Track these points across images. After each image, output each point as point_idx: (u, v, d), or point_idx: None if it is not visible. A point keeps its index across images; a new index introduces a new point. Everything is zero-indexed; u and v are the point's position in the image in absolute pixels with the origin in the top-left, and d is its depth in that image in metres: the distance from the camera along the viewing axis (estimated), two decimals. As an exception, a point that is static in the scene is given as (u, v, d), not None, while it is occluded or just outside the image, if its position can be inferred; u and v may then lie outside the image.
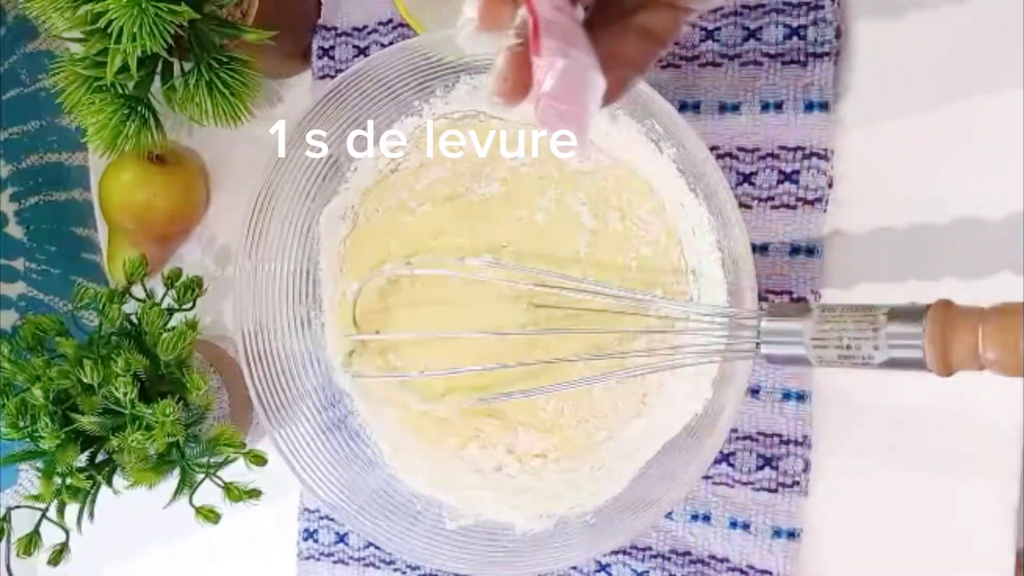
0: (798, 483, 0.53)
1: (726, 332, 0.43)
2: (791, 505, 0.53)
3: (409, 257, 0.58)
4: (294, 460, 0.54)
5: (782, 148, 0.53)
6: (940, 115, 0.51)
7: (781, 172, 0.53)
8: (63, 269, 0.71)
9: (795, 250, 0.53)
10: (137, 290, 0.57)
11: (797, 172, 0.52)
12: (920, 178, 0.51)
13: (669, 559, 0.56)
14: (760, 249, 0.53)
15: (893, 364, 0.36)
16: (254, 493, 0.54)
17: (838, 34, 0.51)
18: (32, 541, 0.53)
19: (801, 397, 0.53)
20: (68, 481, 0.52)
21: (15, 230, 0.70)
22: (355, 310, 0.59)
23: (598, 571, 0.58)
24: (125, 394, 0.50)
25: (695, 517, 0.55)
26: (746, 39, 0.53)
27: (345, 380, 0.59)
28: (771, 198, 0.53)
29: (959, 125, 0.50)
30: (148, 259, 0.59)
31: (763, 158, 0.53)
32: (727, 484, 0.54)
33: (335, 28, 0.63)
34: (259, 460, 0.54)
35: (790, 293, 0.53)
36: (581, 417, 0.56)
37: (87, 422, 0.51)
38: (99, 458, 0.54)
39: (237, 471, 0.54)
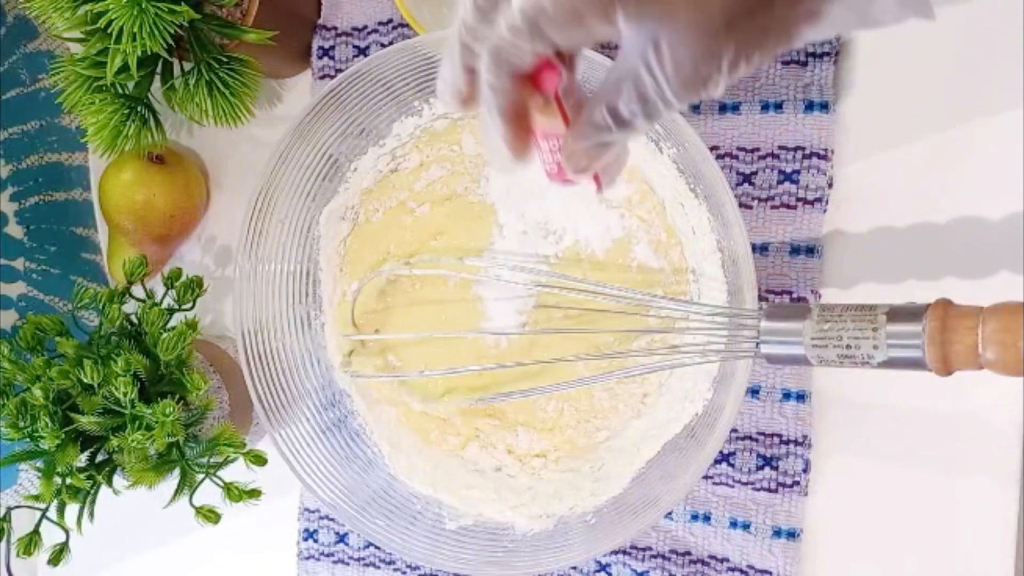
0: (798, 483, 0.53)
1: (726, 332, 0.43)
2: (791, 505, 0.53)
3: (408, 257, 0.58)
4: (294, 460, 0.54)
5: (782, 148, 0.53)
6: (940, 115, 0.51)
7: (781, 172, 0.53)
8: (63, 269, 0.71)
9: (795, 250, 0.53)
10: (137, 290, 0.57)
11: (797, 172, 0.52)
12: (920, 178, 0.51)
13: (669, 559, 0.56)
14: (760, 249, 0.53)
15: (893, 364, 0.36)
16: (254, 493, 0.54)
17: (838, 35, 0.51)
18: (32, 541, 0.53)
19: (801, 397, 0.53)
20: (68, 481, 0.52)
21: (15, 230, 0.70)
22: (354, 310, 0.59)
23: (598, 571, 0.58)
24: (125, 394, 0.50)
25: (695, 517, 0.55)
26: (746, 39, 0.53)
27: (345, 380, 0.59)
28: (771, 198, 0.53)
29: (959, 125, 0.50)
30: (148, 259, 0.59)
31: (763, 158, 0.53)
32: (727, 484, 0.54)
33: (335, 28, 0.63)
34: (259, 460, 0.54)
35: (790, 293, 0.53)
36: (581, 417, 0.56)
37: (87, 422, 0.51)
38: (99, 458, 0.54)
39: (237, 471, 0.54)
